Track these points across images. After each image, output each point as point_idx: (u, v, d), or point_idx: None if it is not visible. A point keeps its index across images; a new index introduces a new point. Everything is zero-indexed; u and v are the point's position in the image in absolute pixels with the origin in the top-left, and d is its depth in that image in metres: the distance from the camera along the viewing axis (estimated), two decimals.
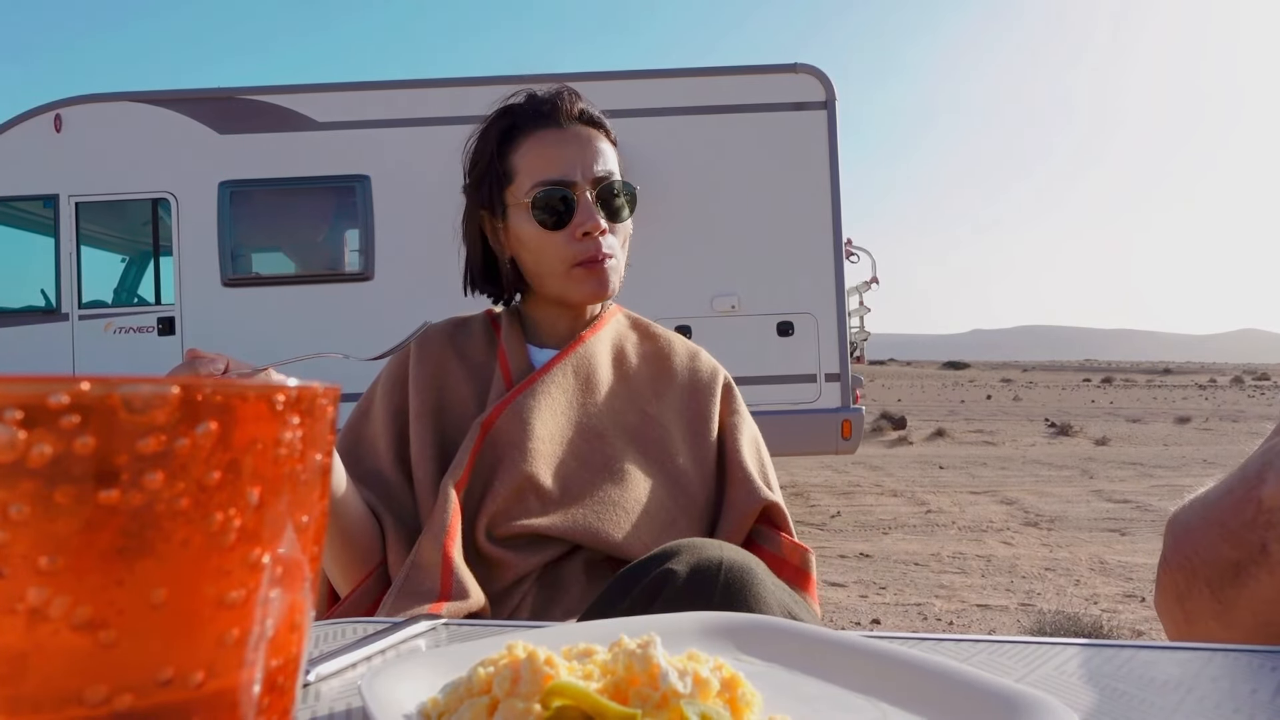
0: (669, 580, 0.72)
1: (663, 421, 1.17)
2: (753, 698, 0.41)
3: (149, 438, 0.24)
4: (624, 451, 1.12)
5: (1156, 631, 4.06)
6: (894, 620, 4.21)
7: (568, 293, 1.16)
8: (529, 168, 1.15)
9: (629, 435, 1.14)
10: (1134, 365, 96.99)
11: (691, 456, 1.16)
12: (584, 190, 1.14)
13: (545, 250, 1.15)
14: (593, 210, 1.14)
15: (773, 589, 0.74)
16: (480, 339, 1.22)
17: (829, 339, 6.19)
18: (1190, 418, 20.18)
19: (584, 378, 1.16)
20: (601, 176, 1.15)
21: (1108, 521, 6.84)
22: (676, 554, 0.75)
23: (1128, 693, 0.48)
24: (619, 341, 1.24)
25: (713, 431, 1.19)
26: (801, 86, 6.24)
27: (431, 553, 0.99)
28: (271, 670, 0.28)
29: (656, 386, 1.20)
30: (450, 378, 1.18)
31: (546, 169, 1.14)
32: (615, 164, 1.19)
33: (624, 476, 1.10)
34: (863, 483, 9.14)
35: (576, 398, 1.15)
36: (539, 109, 1.17)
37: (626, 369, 1.21)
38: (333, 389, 0.31)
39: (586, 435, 1.12)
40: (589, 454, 1.11)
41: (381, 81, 6.34)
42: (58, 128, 6.07)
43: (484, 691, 0.41)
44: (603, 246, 1.14)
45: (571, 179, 1.14)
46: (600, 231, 1.14)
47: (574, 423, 1.13)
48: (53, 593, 0.23)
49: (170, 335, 6.17)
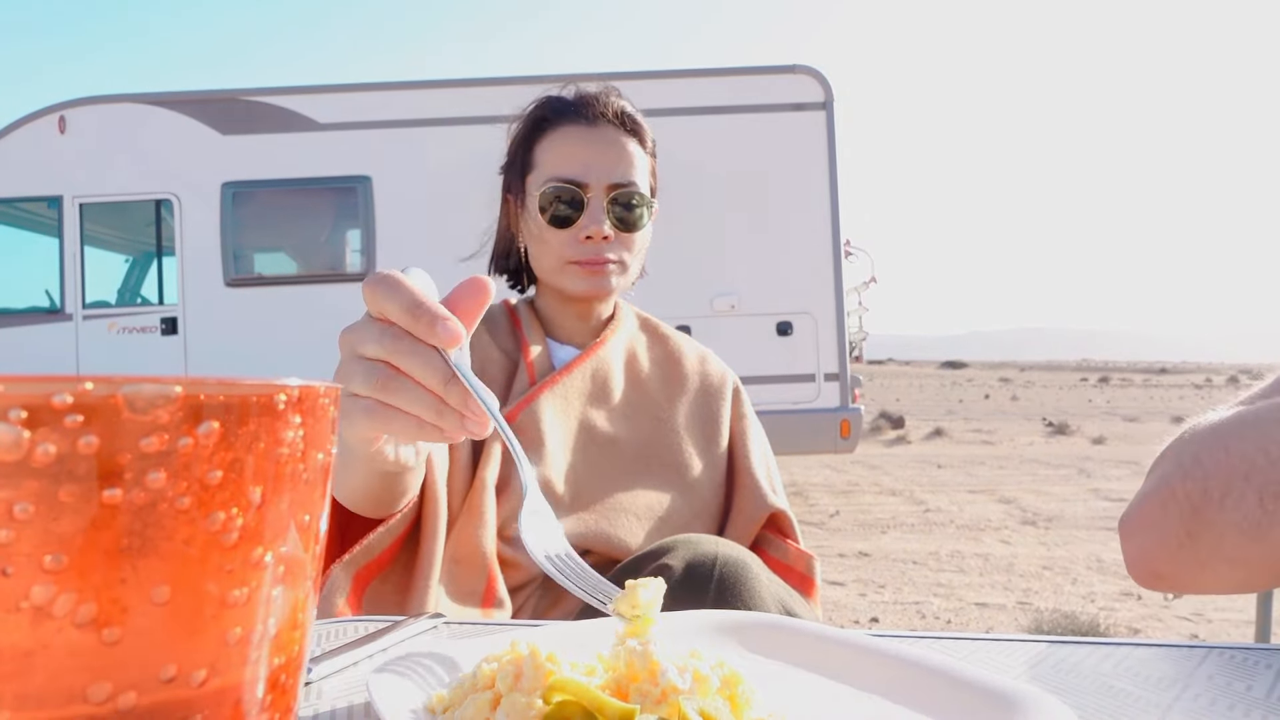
0: (664, 575, 0.72)
1: (674, 427, 1.16)
2: (752, 694, 0.42)
3: (152, 437, 0.24)
4: (636, 458, 1.12)
5: (1153, 630, 4.06)
6: (892, 619, 4.21)
7: (563, 285, 1.14)
8: (548, 161, 1.13)
9: (641, 442, 1.13)
10: (1131, 365, 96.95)
11: (703, 462, 1.15)
12: (596, 194, 1.11)
13: (548, 244, 1.13)
14: (601, 215, 1.11)
15: (767, 583, 0.74)
16: (504, 327, 1.20)
17: (828, 339, 6.19)
18: (1186, 417, 20.14)
19: (601, 382, 1.15)
20: (619, 183, 1.12)
21: (1105, 520, 6.84)
22: (672, 549, 0.75)
23: (1124, 690, 0.48)
24: (631, 345, 1.22)
25: (724, 436, 1.19)
26: (800, 87, 6.24)
27: (476, 547, 0.99)
28: (274, 668, 0.28)
29: (668, 391, 1.19)
30: (479, 353, 1.16)
31: (563, 165, 1.12)
32: (642, 172, 1.16)
33: (635, 483, 1.09)
34: (861, 482, 9.14)
35: (592, 402, 1.13)
36: (573, 103, 1.15)
37: (639, 373, 1.20)
38: (334, 388, 0.31)
39: (600, 442, 1.11)
40: (602, 461, 1.10)
41: (383, 83, 6.34)
42: (61, 129, 6.08)
43: (487, 687, 0.41)
44: (604, 253, 1.12)
45: (584, 180, 1.11)
46: (603, 238, 1.11)
47: (589, 430, 1.12)
48: (57, 591, 0.23)
49: (173, 335, 6.17)
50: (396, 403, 0.56)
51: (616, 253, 1.13)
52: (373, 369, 0.56)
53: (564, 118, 1.14)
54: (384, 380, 0.56)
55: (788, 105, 6.22)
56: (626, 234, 1.14)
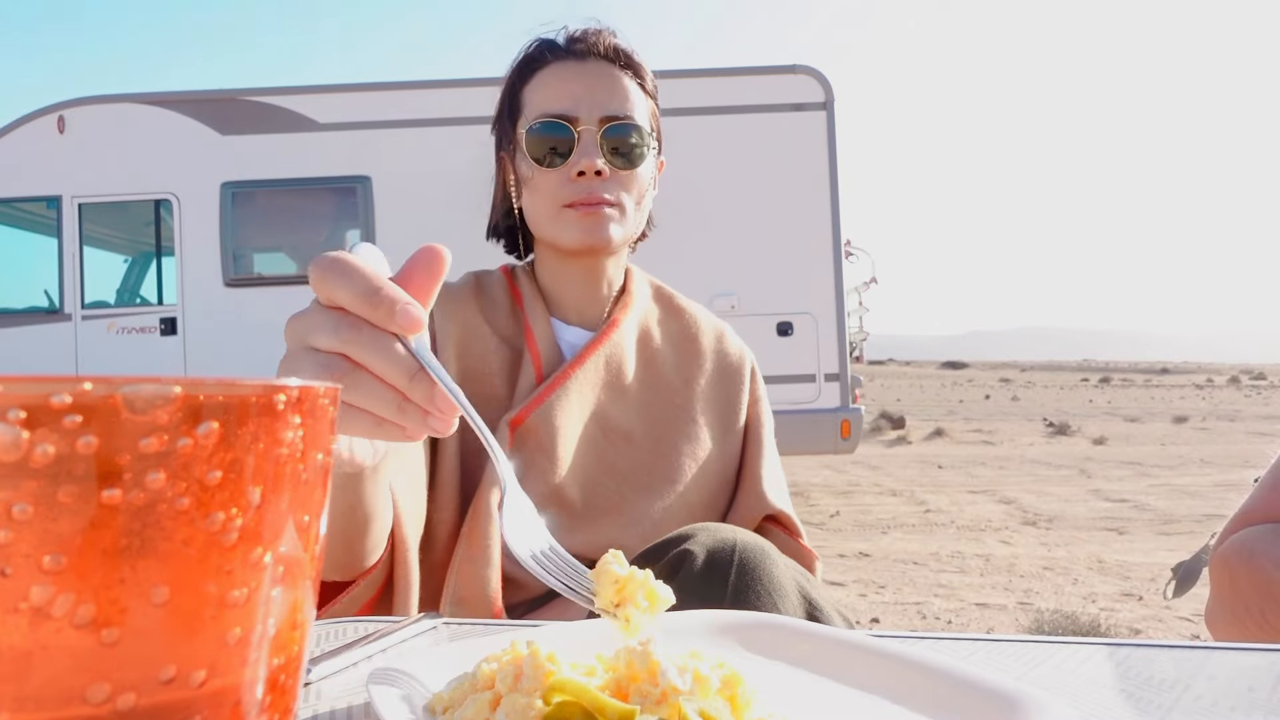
0: (685, 561, 0.71)
1: (690, 414, 1.11)
2: (753, 695, 0.42)
3: (151, 438, 0.24)
4: (652, 453, 1.07)
5: (1154, 630, 4.06)
6: (893, 619, 4.21)
7: (558, 237, 1.05)
8: (537, 100, 1.06)
9: (657, 434, 1.09)
10: (1132, 365, 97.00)
11: (718, 451, 1.11)
12: (588, 127, 1.03)
13: (539, 190, 1.05)
14: (593, 149, 1.03)
15: (785, 568, 0.72)
16: (503, 305, 1.12)
17: (828, 339, 6.20)
18: (1188, 417, 20.18)
19: (615, 369, 1.08)
20: (613, 115, 1.04)
21: (1106, 521, 6.84)
22: (692, 536, 0.74)
23: (1125, 691, 0.48)
24: (645, 320, 1.15)
25: (740, 421, 1.14)
26: (801, 87, 6.24)
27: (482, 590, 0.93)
28: (273, 669, 0.28)
29: (684, 373, 1.13)
30: (477, 344, 1.07)
31: (552, 101, 1.04)
32: (641, 110, 1.07)
33: (651, 482, 1.05)
34: (862, 482, 9.15)
35: (606, 393, 1.07)
36: (564, 41, 1.08)
37: (654, 353, 1.13)
38: (333, 389, 0.31)
39: (614, 438, 1.06)
40: (616, 459, 1.06)
41: (383, 83, 6.35)
42: (60, 129, 6.08)
43: (487, 687, 0.41)
44: (600, 191, 1.03)
45: (574, 113, 1.03)
46: (597, 173, 1.03)
47: (602, 423, 1.06)
48: (56, 591, 0.23)
49: (173, 335, 6.18)
50: (354, 400, 0.50)
51: (614, 192, 1.05)
52: (326, 362, 0.50)
53: (555, 55, 1.07)
54: (339, 375, 0.49)
55: (788, 105, 6.23)
56: (623, 171, 1.05)
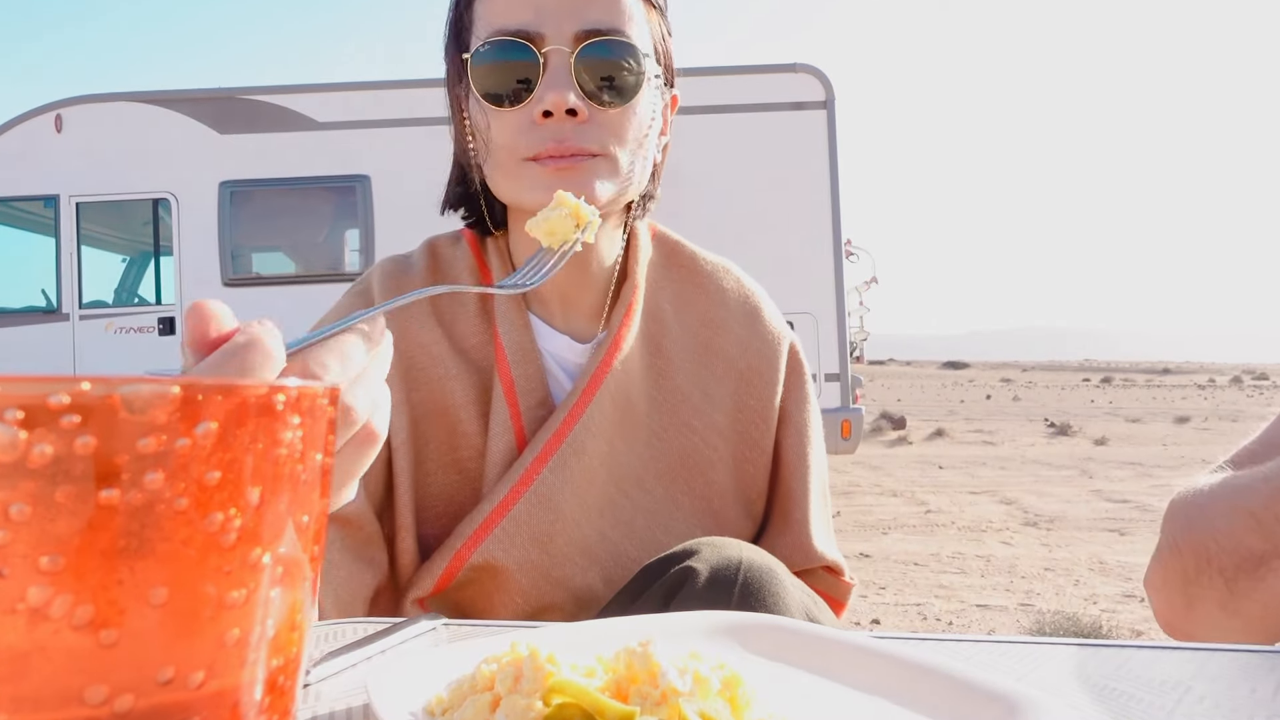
0: (687, 579, 0.69)
1: (709, 438, 0.90)
2: (753, 696, 0.42)
3: (149, 438, 0.24)
4: (665, 496, 0.89)
5: (1155, 632, 4.06)
6: (893, 620, 4.21)
7: (522, 200, 0.79)
8: (489, 11, 0.79)
9: (672, 470, 0.89)
10: (1133, 365, 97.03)
11: (737, 481, 0.92)
12: (557, 47, 0.76)
13: (495, 140, 0.79)
14: (562, 79, 0.75)
15: (792, 589, 0.69)
16: (468, 303, 0.88)
17: (829, 339, 6.19)
18: (1189, 417, 20.18)
19: (623, 402, 0.86)
20: (594, 30, 0.76)
21: (1107, 521, 6.84)
22: (696, 552, 0.70)
23: (1126, 692, 0.48)
24: (654, 313, 0.91)
25: (770, 433, 0.93)
26: (801, 86, 6.24)
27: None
28: (272, 670, 0.28)
29: (703, 374, 0.91)
30: (434, 367, 0.84)
31: (506, 14, 0.77)
32: (637, 23, 0.79)
33: (665, 536, 0.87)
34: (862, 483, 9.14)
35: (613, 432, 0.86)
36: None
37: (666, 363, 0.90)
38: (332, 389, 0.31)
39: (625, 486, 0.87)
40: (628, 510, 0.87)
41: (381, 81, 6.35)
42: (58, 128, 6.08)
43: (487, 688, 0.41)
44: (575, 139, 0.76)
45: (537, 29, 0.76)
46: (570, 113, 0.76)
47: (611, 472, 0.86)
48: (54, 592, 0.23)
49: (171, 335, 6.18)
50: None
51: (596, 139, 0.77)
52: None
53: None
54: None
55: (788, 104, 6.23)
56: (610, 109, 0.78)
